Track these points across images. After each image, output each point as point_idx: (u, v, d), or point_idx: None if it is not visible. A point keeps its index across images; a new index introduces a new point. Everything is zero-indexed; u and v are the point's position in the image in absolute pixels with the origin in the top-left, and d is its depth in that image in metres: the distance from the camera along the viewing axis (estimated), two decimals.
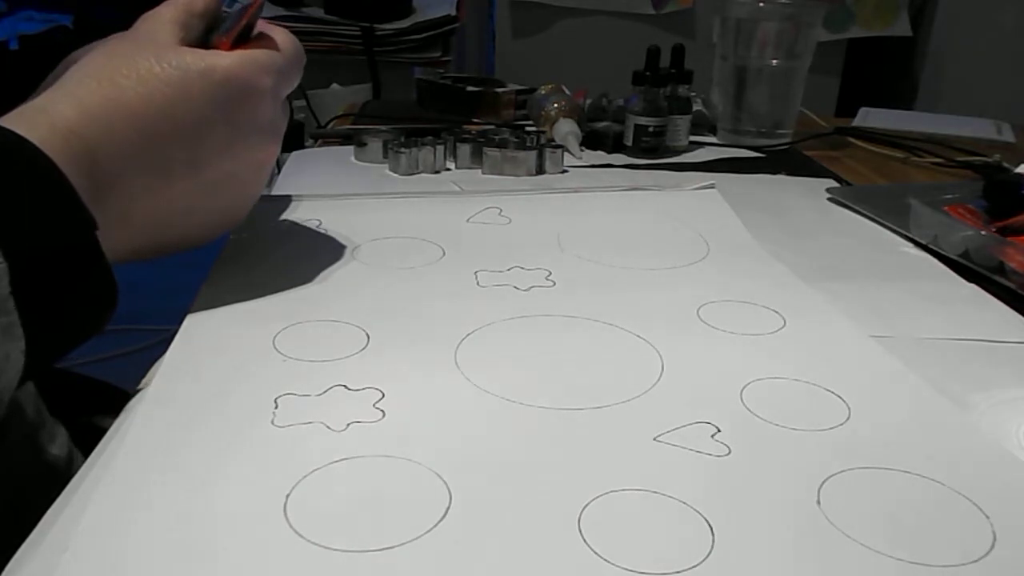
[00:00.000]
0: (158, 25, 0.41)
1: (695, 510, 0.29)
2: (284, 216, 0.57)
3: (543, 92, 0.86)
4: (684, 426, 0.34)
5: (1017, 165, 0.68)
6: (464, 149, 0.73)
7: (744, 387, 0.38)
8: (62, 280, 0.33)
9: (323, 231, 0.55)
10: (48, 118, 0.35)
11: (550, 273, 0.50)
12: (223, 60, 0.40)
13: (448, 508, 0.28)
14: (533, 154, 0.71)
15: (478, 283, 0.48)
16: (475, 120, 0.90)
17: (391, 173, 0.71)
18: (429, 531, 0.27)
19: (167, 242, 0.42)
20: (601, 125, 0.83)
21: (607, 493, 0.30)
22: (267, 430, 0.32)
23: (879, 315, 0.47)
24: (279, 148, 0.46)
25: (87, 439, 0.36)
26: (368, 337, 0.40)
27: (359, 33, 1.20)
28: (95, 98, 0.37)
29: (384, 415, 0.34)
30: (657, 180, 0.72)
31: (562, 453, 0.32)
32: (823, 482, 0.31)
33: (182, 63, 0.39)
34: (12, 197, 0.31)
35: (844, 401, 0.37)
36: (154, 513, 0.27)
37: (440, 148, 0.72)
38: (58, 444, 0.39)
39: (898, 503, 0.30)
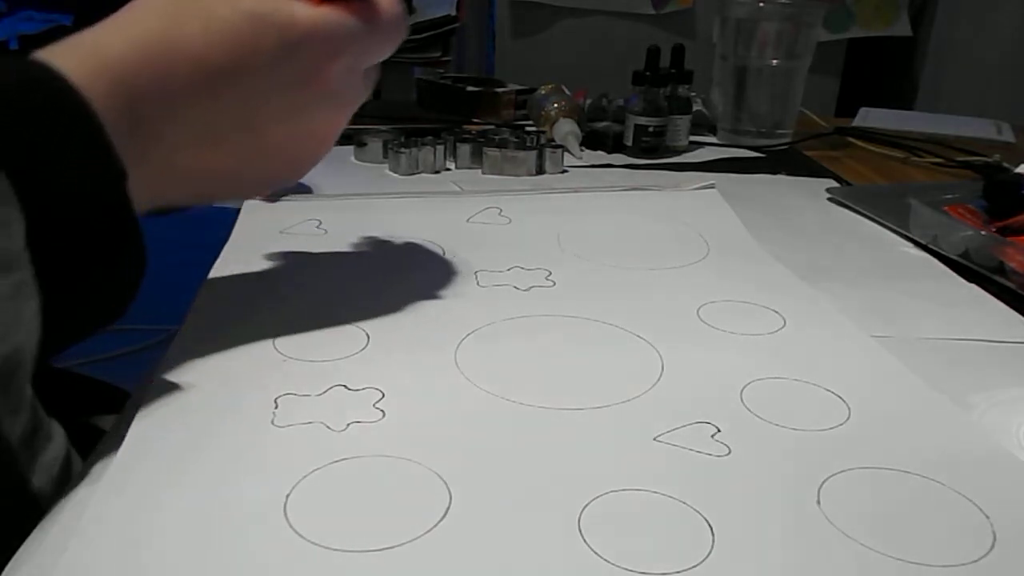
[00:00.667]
0: None
1: (695, 510, 0.29)
2: (284, 216, 0.57)
3: (543, 92, 0.86)
4: (684, 426, 0.34)
5: (1017, 165, 0.68)
6: (464, 149, 0.73)
7: (744, 387, 0.38)
8: (86, 236, 0.30)
9: (323, 231, 0.55)
10: (98, 55, 0.32)
11: (550, 273, 0.50)
12: (305, 15, 0.35)
13: (448, 508, 0.28)
14: (533, 154, 0.71)
15: (478, 283, 0.48)
16: (475, 120, 0.90)
17: (391, 173, 0.71)
18: (429, 531, 0.27)
19: (207, 195, 0.38)
20: (601, 125, 0.83)
21: (607, 493, 0.30)
22: (267, 430, 0.32)
23: (879, 315, 0.47)
24: (347, 120, 0.40)
25: (86, 439, 0.36)
26: (368, 337, 0.40)
27: None
28: (153, 38, 0.33)
29: (384, 415, 0.34)
30: (657, 180, 0.72)
31: (562, 453, 0.32)
32: (823, 482, 0.31)
33: (258, 11, 0.34)
34: (35, 140, 0.28)
35: (844, 401, 0.37)
36: (153, 513, 0.27)
37: (440, 148, 0.72)
38: (55, 445, 0.39)
39: (898, 503, 0.30)
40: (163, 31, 0.33)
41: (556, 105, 0.84)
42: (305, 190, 0.62)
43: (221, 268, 0.48)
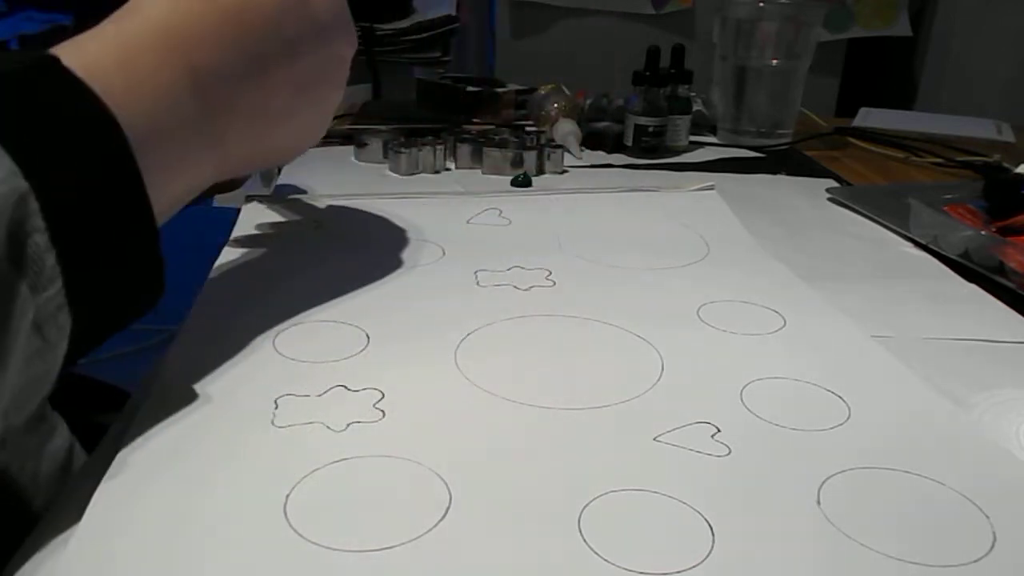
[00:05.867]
0: None
1: (695, 510, 0.29)
2: (284, 217, 0.57)
3: (543, 92, 0.86)
4: (684, 426, 0.34)
5: (1017, 165, 0.68)
6: (464, 149, 0.73)
7: (744, 387, 0.38)
8: (98, 221, 0.29)
9: (323, 231, 0.55)
10: (149, 26, 0.34)
11: (550, 273, 0.50)
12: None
13: (448, 508, 0.28)
14: (533, 154, 0.71)
15: (478, 283, 0.48)
16: (475, 120, 0.90)
17: (391, 173, 0.71)
18: (429, 531, 0.27)
19: (267, 148, 0.41)
20: (601, 125, 0.83)
21: (607, 493, 0.30)
22: (267, 430, 0.32)
23: (879, 315, 0.47)
24: (354, 49, 0.44)
25: (87, 438, 0.36)
26: (368, 337, 0.40)
27: (359, 33, 1.21)
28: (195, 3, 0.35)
29: (384, 415, 0.34)
30: (657, 180, 0.72)
31: (562, 453, 0.32)
32: (823, 482, 0.31)
33: None
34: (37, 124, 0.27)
35: (844, 401, 0.37)
36: (154, 513, 0.27)
37: (440, 148, 0.72)
38: (60, 435, 0.39)
39: (898, 503, 0.30)
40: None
41: (556, 105, 0.84)
42: (300, 191, 0.62)
43: (221, 268, 0.48)
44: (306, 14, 0.39)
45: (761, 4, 0.85)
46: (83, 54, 0.30)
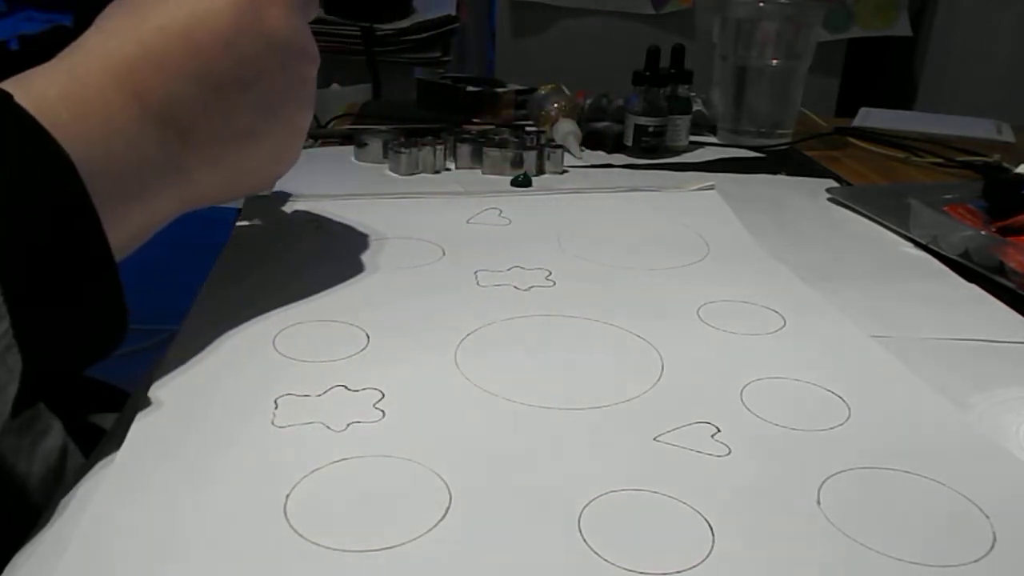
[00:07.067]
0: None
1: (695, 510, 0.29)
2: (284, 217, 0.57)
3: (543, 92, 0.86)
4: (684, 426, 0.34)
5: (1017, 165, 0.68)
6: (464, 149, 0.73)
7: (744, 387, 0.38)
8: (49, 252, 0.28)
9: (323, 232, 0.55)
10: (95, 56, 0.33)
11: (550, 273, 0.50)
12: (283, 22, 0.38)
13: (448, 508, 0.28)
14: (533, 154, 0.71)
15: (478, 283, 0.48)
16: (475, 120, 0.90)
17: (391, 173, 0.71)
18: (429, 531, 0.27)
19: (237, 176, 0.40)
20: (601, 125, 0.83)
21: (607, 493, 0.30)
22: (267, 430, 0.32)
23: (879, 315, 0.47)
24: (317, 66, 0.42)
25: (86, 438, 0.36)
26: (368, 337, 0.40)
27: (359, 33, 1.20)
28: (142, 28, 0.34)
29: (384, 415, 0.34)
30: (657, 180, 0.72)
31: (562, 453, 0.32)
32: (823, 482, 0.31)
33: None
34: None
35: (844, 401, 0.37)
36: (154, 513, 0.27)
37: (440, 148, 0.72)
38: (53, 436, 0.39)
39: (898, 503, 0.30)
40: (145, 22, 0.34)
41: (556, 105, 0.84)
42: (300, 191, 0.62)
43: (221, 268, 0.48)
44: (261, 33, 0.37)
45: (761, 4, 0.85)
46: (29, 87, 0.30)
